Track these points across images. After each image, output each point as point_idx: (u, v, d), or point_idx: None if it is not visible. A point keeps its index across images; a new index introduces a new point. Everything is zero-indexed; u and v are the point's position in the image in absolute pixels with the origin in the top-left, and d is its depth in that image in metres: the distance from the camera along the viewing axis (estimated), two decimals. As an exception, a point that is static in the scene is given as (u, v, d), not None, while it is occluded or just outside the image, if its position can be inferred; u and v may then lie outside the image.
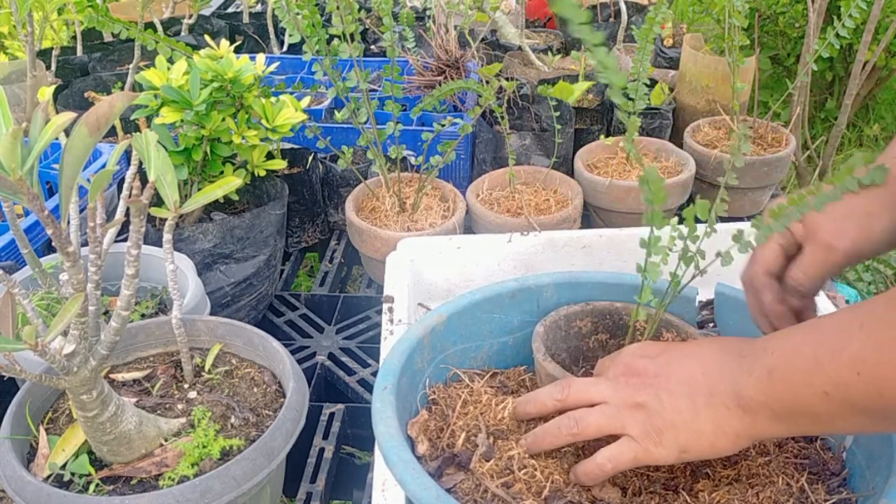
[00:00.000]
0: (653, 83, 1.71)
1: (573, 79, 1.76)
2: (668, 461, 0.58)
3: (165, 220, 0.77)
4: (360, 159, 1.46)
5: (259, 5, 2.48)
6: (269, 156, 1.31)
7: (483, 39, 2.01)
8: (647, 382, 0.60)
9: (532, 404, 0.66)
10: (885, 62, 2.11)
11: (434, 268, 1.02)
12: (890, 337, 0.47)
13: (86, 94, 1.24)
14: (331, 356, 1.18)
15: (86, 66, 1.85)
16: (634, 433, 0.59)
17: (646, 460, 0.59)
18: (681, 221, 0.71)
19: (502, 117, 1.35)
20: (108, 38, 2.07)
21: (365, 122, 1.22)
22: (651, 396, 0.59)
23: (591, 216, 1.44)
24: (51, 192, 1.29)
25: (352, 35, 1.17)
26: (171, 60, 1.15)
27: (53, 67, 1.57)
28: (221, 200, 1.28)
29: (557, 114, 1.39)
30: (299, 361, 1.15)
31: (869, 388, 0.47)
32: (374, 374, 0.88)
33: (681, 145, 1.50)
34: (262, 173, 1.27)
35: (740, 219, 1.50)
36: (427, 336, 0.71)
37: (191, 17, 2.08)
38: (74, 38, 1.97)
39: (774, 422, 0.54)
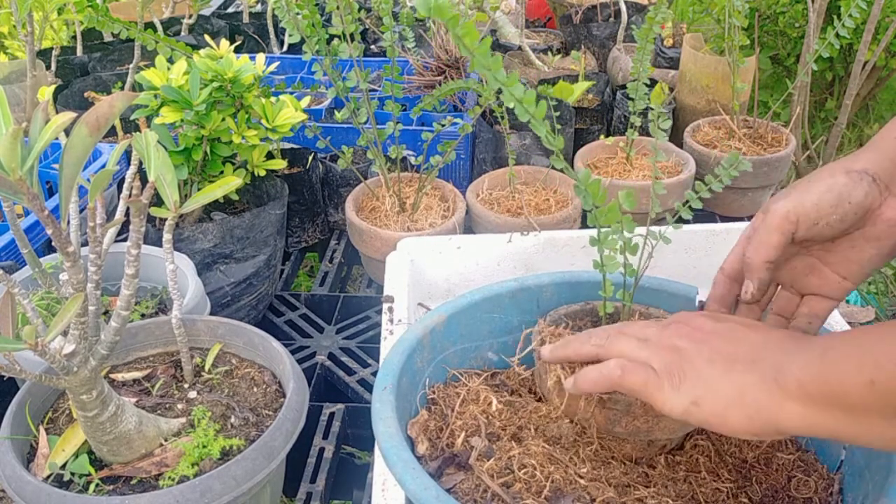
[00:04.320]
0: (653, 83, 1.71)
1: (573, 79, 1.76)
2: (673, 407, 0.55)
3: (165, 220, 0.78)
4: (360, 159, 1.46)
5: (259, 5, 2.48)
6: (269, 156, 1.31)
7: (483, 39, 2.01)
8: (695, 336, 0.58)
9: (570, 347, 0.64)
10: (885, 62, 2.11)
11: (434, 268, 1.02)
12: None
13: (86, 94, 1.24)
14: (331, 356, 1.18)
15: (86, 66, 1.85)
16: (658, 367, 0.56)
17: (655, 394, 0.56)
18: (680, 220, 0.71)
19: (502, 117, 1.35)
20: (108, 38, 2.07)
21: (365, 122, 1.22)
22: (692, 344, 0.57)
23: (591, 216, 1.44)
24: (51, 192, 1.29)
25: (352, 35, 1.17)
26: (171, 60, 1.15)
27: (53, 67, 1.57)
28: (221, 200, 1.28)
29: (557, 114, 1.39)
30: (299, 361, 1.15)
31: None
32: (374, 374, 0.88)
33: (681, 145, 1.50)
34: (262, 173, 1.27)
35: (740, 219, 1.50)
36: (427, 336, 0.71)
37: (191, 17, 2.08)
38: (74, 38, 1.97)
39: (804, 407, 0.50)
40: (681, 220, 0.71)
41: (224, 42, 1.20)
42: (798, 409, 0.51)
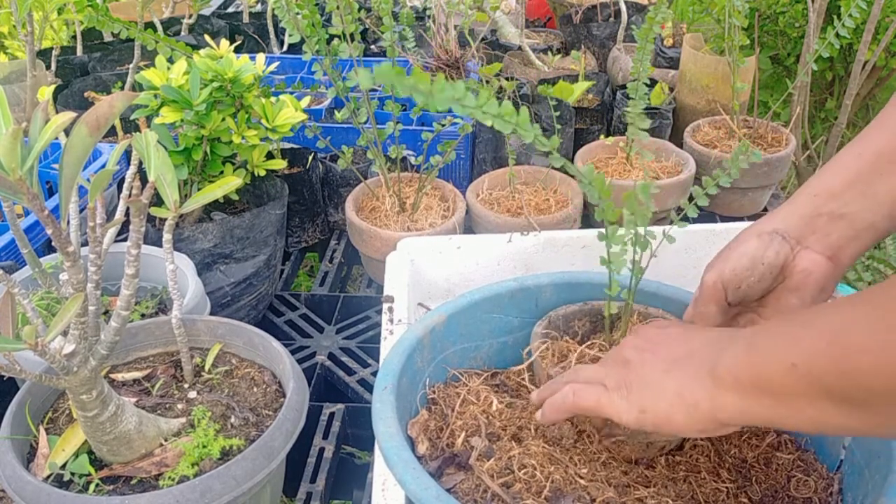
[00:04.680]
0: (653, 83, 1.71)
1: (573, 79, 1.76)
2: (627, 418, 0.57)
3: (165, 219, 0.78)
4: (360, 159, 1.46)
5: (259, 5, 2.48)
6: (269, 156, 1.31)
7: (483, 39, 2.01)
8: (642, 345, 0.61)
9: (548, 389, 0.66)
10: (885, 62, 2.11)
11: (434, 268, 1.02)
12: (868, 314, 0.45)
13: (86, 94, 1.24)
14: (331, 356, 1.18)
15: (86, 66, 1.85)
16: (610, 383, 0.59)
17: (607, 408, 0.58)
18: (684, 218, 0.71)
19: (502, 117, 1.34)
20: (108, 38, 2.07)
21: (365, 122, 1.22)
22: (638, 354, 0.60)
23: (591, 216, 1.44)
24: (51, 192, 1.29)
25: (352, 35, 1.17)
26: (171, 60, 1.15)
27: (53, 67, 1.57)
28: (221, 200, 1.28)
29: (557, 114, 1.39)
30: (299, 361, 1.15)
31: (835, 360, 0.45)
32: (374, 374, 0.88)
33: (681, 145, 1.50)
34: (262, 173, 1.27)
35: (740, 219, 1.50)
36: (427, 336, 0.71)
37: (191, 17, 2.08)
38: (74, 38, 1.97)
39: (737, 396, 0.51)
40: (686, 219, 0.71)
41: (224, 42, 1.20)
42: (732, 399, 0.52)
